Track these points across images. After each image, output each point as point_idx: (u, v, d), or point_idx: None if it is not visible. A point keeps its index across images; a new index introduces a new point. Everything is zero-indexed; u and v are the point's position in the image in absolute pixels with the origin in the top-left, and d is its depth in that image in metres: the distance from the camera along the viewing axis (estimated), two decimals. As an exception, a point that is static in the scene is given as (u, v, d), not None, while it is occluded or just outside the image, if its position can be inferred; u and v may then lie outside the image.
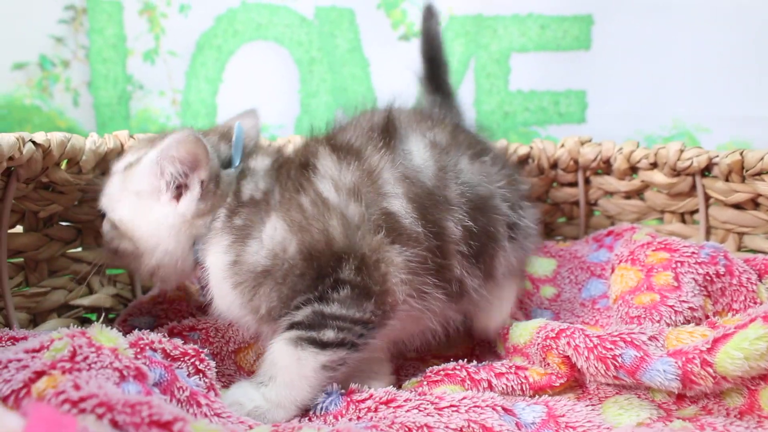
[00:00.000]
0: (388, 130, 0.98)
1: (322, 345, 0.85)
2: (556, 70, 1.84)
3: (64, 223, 1.17)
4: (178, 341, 0.86)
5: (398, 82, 1.85)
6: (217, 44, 1.86)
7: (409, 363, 1.07)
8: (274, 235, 0.89)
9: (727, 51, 1.75)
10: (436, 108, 1.19)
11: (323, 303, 0.86)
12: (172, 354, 0.82)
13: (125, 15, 1.84)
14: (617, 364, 0.87)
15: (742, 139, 1.76)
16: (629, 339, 0.89)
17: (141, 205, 0.96)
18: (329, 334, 0.85)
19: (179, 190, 0.94)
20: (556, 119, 1.86)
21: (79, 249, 1.20)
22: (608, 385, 0.91)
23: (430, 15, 1.37)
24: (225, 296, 0.92)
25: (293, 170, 0.95)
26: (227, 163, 1.00)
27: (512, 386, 0.93)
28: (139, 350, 0.78)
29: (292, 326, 0.87)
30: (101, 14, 1.83)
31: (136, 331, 0.84)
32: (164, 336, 0.85)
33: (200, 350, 0.86)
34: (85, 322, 1.18)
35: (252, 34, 1.86)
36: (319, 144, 0.98)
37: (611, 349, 0.88)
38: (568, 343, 0.92)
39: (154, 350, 0.81)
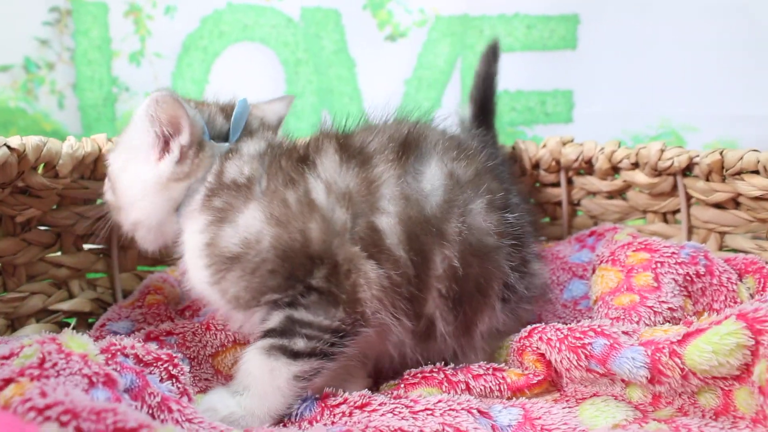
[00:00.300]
0: (406, 144, 0.93)
1: (294, 355, 0.84)
2: (542, 70, 1.84)
3: (42, 228, 1.16)
4: (152, 346, 0.85)
5: (384, 82, 1.88)
6: (203, 45, 1.85)
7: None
8: (251, 225, 0.88)
9: (713, 50, 1.76)
10: (476, 144, 1.09)
11: (293, 308, 0.86)
12: (144, 359, 0.82)
13: (110, 17, 1.83)
14: (587, 353, 0.88)
15: (729, 138, 1.77)
16: (599, 330, 0.90)
17: (128, 160, 0.98)
18: (300, 344, 0.84)
19: (164, 152, 0.95)
20: (543, 119, 1.86)
21: (59, 253, 1.20)
22: (585, 386, 0.91)
23: (493, 57, 1.38)
24: (196, 273, 0.92)
25: (289, 162, 0.92)
26: (224, 137, 0.99)
27: (490, 387, 0.92)
28: (110, 356, 0.78)
29: (266, 334, 0.87)
30: (86, 16, 1.82)
31: (109, 337, 0.84)
32: (138, 341, 0.84)
33: (174, 355, 0.85)
34: (64, 326, 1.17)
35: (238, 35, 1.86)
36: (328, 140, 0.95)
37: (581, 338, 0.89)
38: (540, 338, 0.93)
39: (126, 356, 0.80)
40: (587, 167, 1.38)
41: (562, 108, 1.85)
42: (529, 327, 0.96)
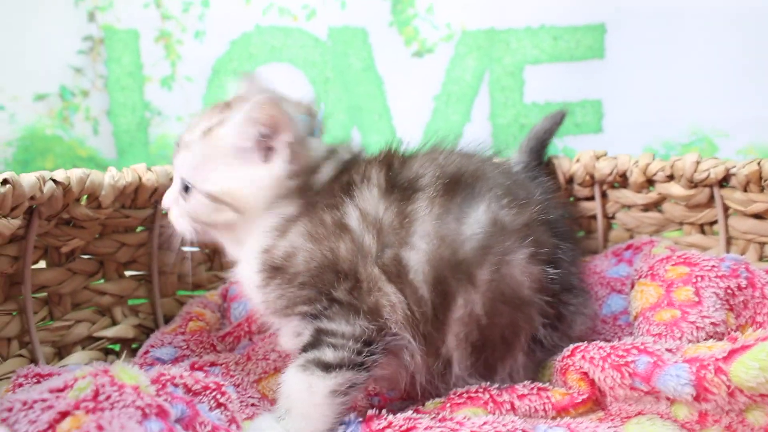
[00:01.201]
0: (458, 183, 0.92)
1: (326, 367, 0.85)
2: (570, 81, 1.84)
3: (85, 257, 1.19)
4: (200, 375, 0.87)
5: (413, 98, 1.89)
6: (233, 68, 1.88)
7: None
8: (294, 239, 0.91)
9: (741, 53, 1.74)
10: (537, 193, 1.03)
11: (318, 320, 0.89)
12: (193, 389, 0.83)
13: (141, 43, 1.86)
14: (631, 371, 0.87)
15: (762, 142, 1.74)
16: (642, 347, 0.89)
17: (237, 168, 0.94)
18: (329, 354, 0.86)
19: (266, 154, 0.94)
20: (573, 130, 1.84)
21: (102, 281, 1.22)
22: (629, 405, 0.90)
23: (559, 120, 1.44)
24: (249, 274, 0.95)
25: (336, 187, 0.94)
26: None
27: (535, 407, 0.92)
28: (160, 386, 0.79)
29: (301, 351, 0.89)
30: (118, 43, 1.86)
31: (158, 366, 0.86)
32: (186, 370, 0.86)
33: (221, 383, 0.86)
34: (109, 353, 1.20)
35: (266, 57, 1.88)
36: (378, 169, 0.95)
37: (624, 356, 0.89)
38: (583, 356, 0.92)
39: (176, 385, 0.82)
40: (622, 180, 1.37)
41: (591, 118, 1.84)
42: (571, 346, 0.96)
